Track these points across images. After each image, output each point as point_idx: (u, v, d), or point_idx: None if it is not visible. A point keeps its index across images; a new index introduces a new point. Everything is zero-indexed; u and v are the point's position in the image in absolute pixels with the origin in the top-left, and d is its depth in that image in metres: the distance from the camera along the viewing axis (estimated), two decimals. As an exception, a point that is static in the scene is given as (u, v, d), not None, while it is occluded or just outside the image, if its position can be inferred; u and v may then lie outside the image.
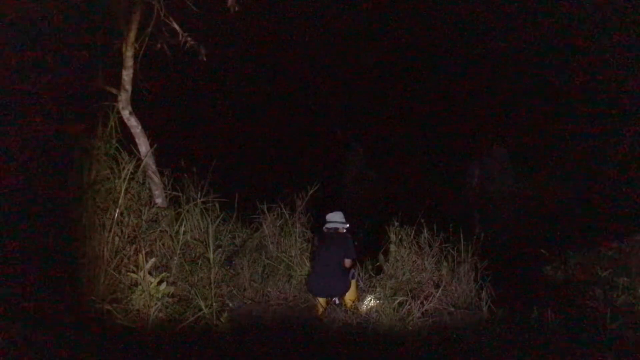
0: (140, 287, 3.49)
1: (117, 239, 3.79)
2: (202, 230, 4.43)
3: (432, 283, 4.29)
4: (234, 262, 4.45)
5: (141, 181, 4.42)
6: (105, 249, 3.67)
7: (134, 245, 3.85)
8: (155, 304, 3.45)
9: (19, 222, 3.03)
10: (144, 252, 3.63)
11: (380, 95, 17.46)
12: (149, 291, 3.47)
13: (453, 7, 13.95)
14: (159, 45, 4.30)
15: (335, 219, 4.19)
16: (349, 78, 16.67)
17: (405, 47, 15.94)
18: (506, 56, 14.57)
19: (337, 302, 4.05)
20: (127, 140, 4.35)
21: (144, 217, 4.15)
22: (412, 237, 4.70)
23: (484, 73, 15.32)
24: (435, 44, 15.43)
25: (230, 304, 4.00)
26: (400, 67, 16.61)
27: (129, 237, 3.91)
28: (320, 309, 3.99)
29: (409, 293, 4.05)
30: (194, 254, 4.28)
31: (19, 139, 3.17)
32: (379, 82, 17.22)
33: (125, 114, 4.36)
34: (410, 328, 3.66)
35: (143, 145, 4.45)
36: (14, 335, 2.58)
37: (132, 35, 4.21)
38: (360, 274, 4.50)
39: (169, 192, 4.62)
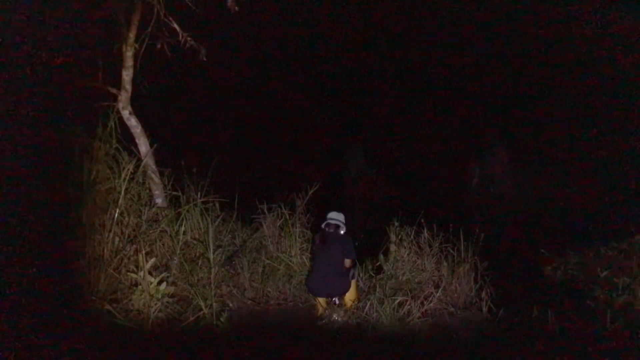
0: (140, 287, 3.49)
1: (117, 239, 3.79)
2: (202, 230, 4.43)
3: (432, 283, 4.29)
4: (234, 261, 4.45)
5: (141, 181, 4.41)
6: (105, 249, 3.67)
7: (134, 245, 3.85)
8: (155, 304, 3.45)
9: (19, 222, 3.03)
10: (144, 252, 3.63)
11: (381, 95, 17.46)
12: (149, 291, 3.47)
13: (454, 5, 13.95)
14: (159, 45, 4.30)
15: (337, 217, 4.18)
16: (349, 77, 16.68)
17: (405, 46, 15.93)
18: (507, 55, 14.56)
19: (337, 302, 4.06)
20: (127, 140, 4.36)
21: (144, 217, 4.15)
22: (412, 237, 4.70)
23: (484, 72, 15.31)
24: (436, 42, 15.42)
25: (230, 304, 4.00)
26: (401, 66, 16.61)
27: (129, 237, 3.91)
28: (320, 309, 3.99)
29: (409, 293, 4.05)
30: (194, 254, 4.28)
31: (18, 139, 3.17)
32: (379, 81, 17.23)
33: (125, 114, 4.36)
34: (410, 328, 3.66)
35: (143, 145, 4.45)
36: (13, 336, 2.58)
37: (132, 35, 4.21)
38: (360, 274, 4.50)
39: (169, 192, 4.61)
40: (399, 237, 4.71)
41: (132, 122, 4.41)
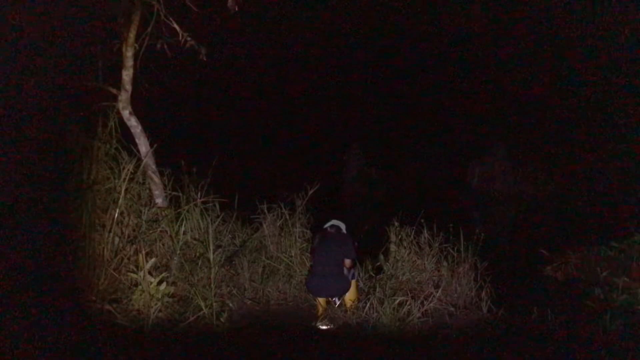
0: (140, 287, 3.49)
1: (117, 239, 3.79)
2: (202, 230, 4.43)
3: (432, 283, 4.29)
4: (234, 261, 4.45)
5: (141, 181, 4.41)
6: (105, 249, 3.67)
7: (134, 245, 3.85)
8: (155, 304, 3.45)
9: (19, 222, 3.03)
10: (144, 252, 3.63)
11: (381, 95, 17.48)
12: (149, 291, 3.47)
13: (455, 8, 13.97)
14: (159, 45, 4.30)
15: (339, 224, 4.23)
16: (349, 77, 16.70)
17: (405, 47, 15.94)
18: (507, 55, 14.57)
19: (337, 302, 4.05)
20: (127, 140, 4.35)
21: (144, 217, 4.14)
22: (412, 237, 4.69)
23: (484, 72, 15.32)
24: (436, 43, 15.43)
25: (230, 304, 4.00)
26: (401, 67, 16.63)
27: (129, 237, 3.91)
28: (320, 309, 3.99)
29: (409, 293, 4.05)
30: (194, 254, 4.27)
31: (18, 139, 3.17)
32: (379, 81, 17.24)
33: (125, 114, 4.36)
34: (410, 328, 3.66)
35: (143, 145, 4.45)
36: (13, 335, 2.58)
37: (132, 35, 4.20)
38: (360, 274, 4.50)
39: (169, 192, 4.61)
40: (399, 237, 4.70)
41: (132, 122, 4.40)
